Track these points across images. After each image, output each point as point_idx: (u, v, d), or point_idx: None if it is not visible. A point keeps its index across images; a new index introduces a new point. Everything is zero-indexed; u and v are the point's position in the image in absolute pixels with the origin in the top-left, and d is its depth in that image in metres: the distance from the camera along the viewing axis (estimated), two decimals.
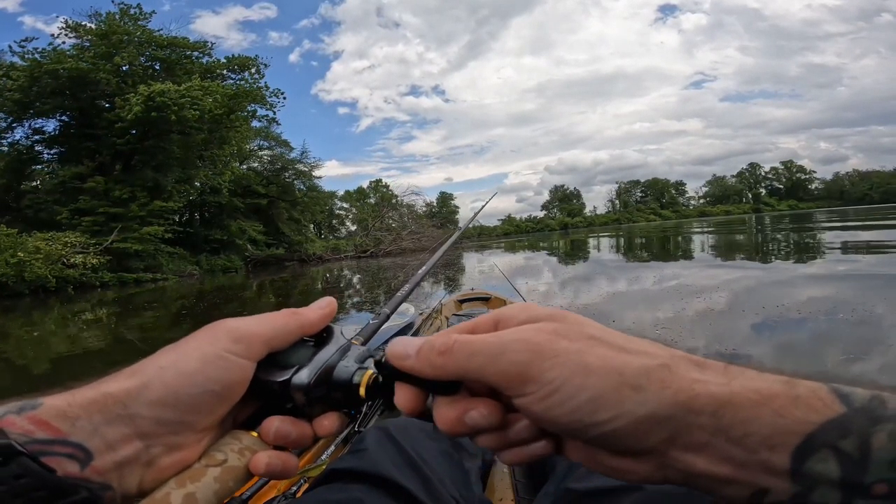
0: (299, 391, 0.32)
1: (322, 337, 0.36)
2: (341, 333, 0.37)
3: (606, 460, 0.27)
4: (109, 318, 9.09)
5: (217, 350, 0.30)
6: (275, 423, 0.32)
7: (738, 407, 0.23)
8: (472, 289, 3.47)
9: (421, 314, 2.80)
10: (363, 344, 0.41)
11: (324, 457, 0.99)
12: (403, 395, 0.30)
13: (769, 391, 0.23)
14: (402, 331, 2.19)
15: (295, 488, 0.83)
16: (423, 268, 0.71)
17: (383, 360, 0.32)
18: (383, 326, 0.64)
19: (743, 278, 6.29)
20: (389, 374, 0.32)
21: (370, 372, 0.33)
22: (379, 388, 0.33)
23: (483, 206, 1.32)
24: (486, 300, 3.11)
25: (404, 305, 0.76)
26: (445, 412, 0.29)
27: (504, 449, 0.29)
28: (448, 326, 2.54)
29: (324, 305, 0.37)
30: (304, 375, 0.32)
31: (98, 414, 0.26)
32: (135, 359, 0.29)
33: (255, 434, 0.32)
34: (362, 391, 0.32)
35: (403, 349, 0.29)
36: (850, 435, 0.22)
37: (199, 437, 0.30)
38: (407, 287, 0.59)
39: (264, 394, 0.33)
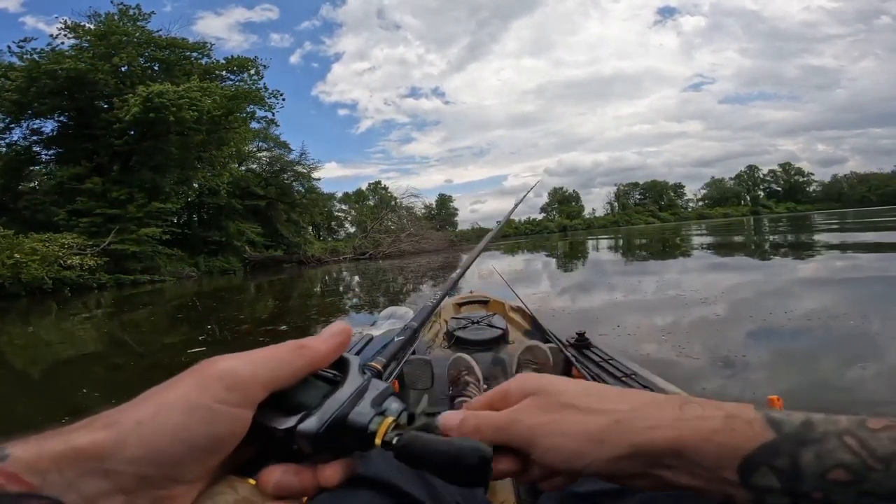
0: (305, 439, 0.28)
1: (335, 371, 0.31)
2: (357, 367, 0.32)
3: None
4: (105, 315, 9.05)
5: (205, 401, 0.26)
6: (276, 474, 0.29)
7: (687, 442, 0.31)
8: (471, 291, 3.42)
9: None
10: (384, 367, 0.37)
11: None
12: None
13: (710, 428, 0.31)
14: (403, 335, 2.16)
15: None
16: (457, 272, 0.70)
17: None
18: (380, 333, 0.61)
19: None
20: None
21: (389, 420, 0.30)
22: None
23: (520, 200, 1.27)
24: (484, 303, 3.08)
25: (402, 310, 0.75)
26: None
27: (534, 483, 0.37)
28: (447, 329, 2.55)
29: (336, 333, 0.32)
30: (312, 423, 0.28)
31: (70, 468, 0.24)
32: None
33: (252, 482, 0.28)
34: (378, 440, 0.29)
35: (453, 421, 0.36)
36: (781, 455, 0.29)
37: (189, 487, 0.27)
38: (438, 295, 0.58)
39: (265, 438, 0.29)
